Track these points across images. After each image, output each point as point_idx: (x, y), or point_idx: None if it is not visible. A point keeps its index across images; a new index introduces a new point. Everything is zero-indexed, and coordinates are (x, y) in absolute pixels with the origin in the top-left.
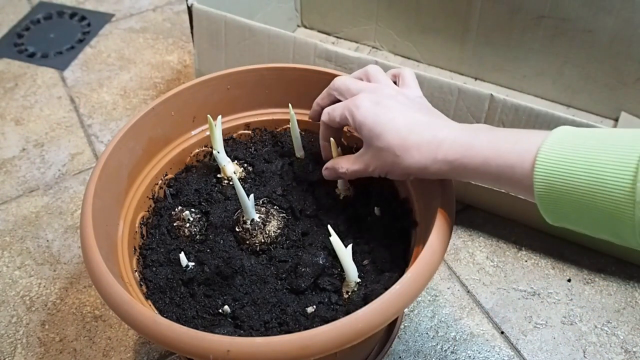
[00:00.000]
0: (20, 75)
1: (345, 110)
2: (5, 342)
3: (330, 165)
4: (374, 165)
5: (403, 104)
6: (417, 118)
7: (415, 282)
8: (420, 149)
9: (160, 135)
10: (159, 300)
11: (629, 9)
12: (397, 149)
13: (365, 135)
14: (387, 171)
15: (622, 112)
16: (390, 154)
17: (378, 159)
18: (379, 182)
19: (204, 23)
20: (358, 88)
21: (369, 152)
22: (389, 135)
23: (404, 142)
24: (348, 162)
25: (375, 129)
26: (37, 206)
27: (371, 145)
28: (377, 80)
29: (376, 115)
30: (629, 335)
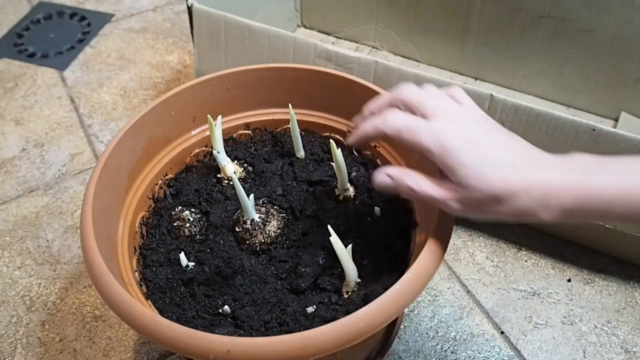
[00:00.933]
0: (20, 75)
1: (430, 142)
2: (5, 342)
3: (397, 175)
4: (463, 205)
5: (491, 134)
6: (515, 151)
7: (415, 282)
8: (530, 193)
9: (160, 135)
10: (159, 300)
11: (629, 9)
12: (501, 193)
13: (460, 175)
14: (479, 213)
15: (622, 112)
16: (490, 197)
17: (471, 199)
18: None
19: (204, 23)
20: (432, 107)
21: (458, 189)
22: (490, 177)
23: (511, 185)
24: (426, 182)
25: (473, 170)
26: (37, 206)
27: (463, 186)
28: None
29: (472, 155)
30: (629, 335)
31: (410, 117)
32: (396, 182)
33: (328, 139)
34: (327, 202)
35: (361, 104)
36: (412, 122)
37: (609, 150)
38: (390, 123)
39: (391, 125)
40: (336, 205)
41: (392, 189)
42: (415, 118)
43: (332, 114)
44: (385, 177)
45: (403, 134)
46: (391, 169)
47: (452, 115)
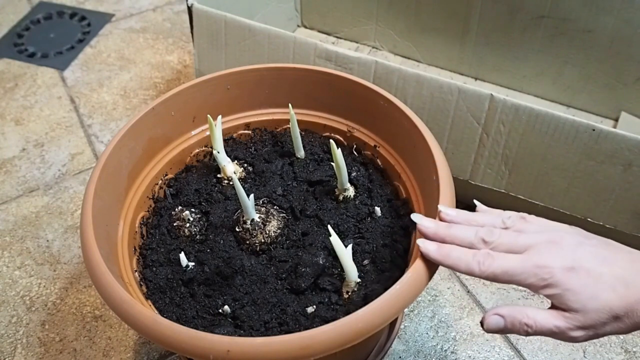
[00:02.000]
0: (20, 75)
1: (530, 279)
2: (5, 342)
3: (509, 313)
4: (584, 330)
5: (589, 252)
6: (620, 264)
7: (415, 282)
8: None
9: (160, 135)
10: (159, 300)
11: (629, 9)
12: (617, 310)
13: (572, 301)
14: (601, 335)
15: (622, 112)
16: (607, 317)
17: (591, 324)
18: (379, 182)
19: (204, 23)
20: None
21: (574, 316)
22: (604, 296)
23: (625, 299)
24: (541, 315)
25: (585, 294)
26: (37, 206)
27: (580, 311)
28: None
29: (578, 279)
30: (629, 335)
31: (503, 258)
32: (508, 321)
33: (328, 139)
34: (327, 202)
35: (361, 104)
36: (507, 264)
37: (609, 150)
38: (486, 268)
39: (487, 271)
40: (336, 205)
41: (505, 330)
42: (507, 257)
43: (332, 114)
44: (496, 317)
45: (500, 278)
46: (501, 308)
47: (545, 244)
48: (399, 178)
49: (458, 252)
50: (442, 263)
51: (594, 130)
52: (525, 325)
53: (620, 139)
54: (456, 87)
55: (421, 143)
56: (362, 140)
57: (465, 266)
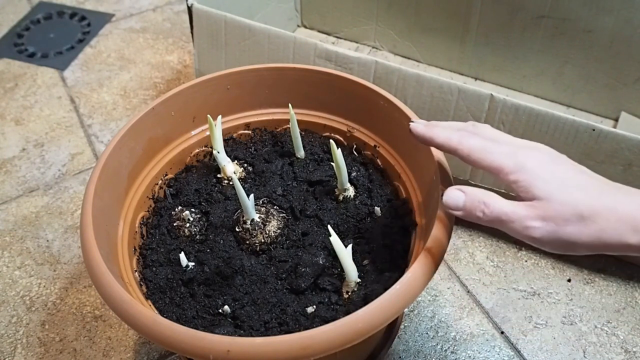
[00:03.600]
0: (20, 75)
1: (504, 160)
2: (5, 342)
3: (471, 191)
4: (544, 223)
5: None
6: (599, 179)
7: (415, 282)
8: (617, 213)
9: (160, 135)
10: (159, 300)
11: (629, 9)
12: (584, 208)
13: (539, 188)
14: (561, 238)
15: (622, 112)
16: (572, 212)
17: (553, 216)
18: (379, 182)
19: (204, 23)
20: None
21: (536, 205)
22: (574, 192)
23: (595, 201)
24: (502, 200)
25: (554, 184)
26: (37, 206)
27: (544, 200)
28: None
29: (552, 173)
30: (629, 335)
31: (483, 139)
32: (468, 199)
33: (328, 139)
34: (327, 202)
35: (361, 104)
36: (485, 143)
37: (609, 150)
38: (464, 142)
39: (465, 144)
40: (336, 205)
41: (464, 209)
42: (489, 140)
43: (332, 114)
44: (458, 192)
45: (475, 153)
46: (463, 187)
47: (529, 147)
48: (399, 178)
49: (442, 126)
50: (424, 135)
51: (594, 130)
52: (483, 204)
53: (620, 139)
54: (456, 87)
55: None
56: (362, 140)
57: (445, 137)
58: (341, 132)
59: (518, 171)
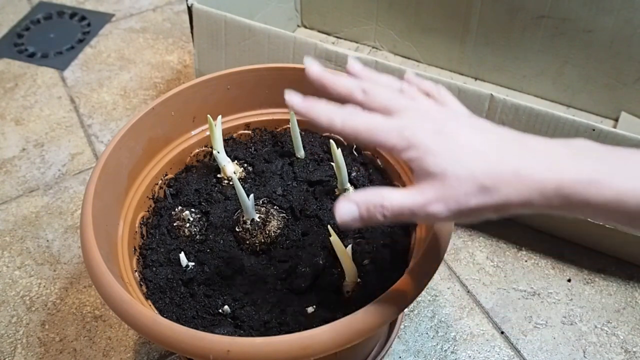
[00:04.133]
0: (20, 75)
1: (391, 138)
2: (5, 342)
3: (362, 199)
4: (445, 204)
5: (471, 125)
6: (501, 136)
7: (415, 282)
8: (520, 177)
9: (160, 135)
10: (159, 300)
11: (629, 9)
12: (484, 178)
13: (430, 164)
14: (466, 213)
15: (622, 112)
16: (472, 185)
17: (452, 194)
18: (379, 182)
19: (204, 23)
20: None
21: (433, 185)
22: (470, 161)
23: (496, 167)
24: (396, 193)
25: (446, 156)
26: (37, 206)
27: (439, 177)
28: (412, 97)
29: (443, 143)
30: (629, 335)
31: (370, 115)
32: (362, 207)
33: (328, 139)
34: (327, 202)
35: None
36: (372, 120)
37: None
38: (348, 123)
39: (349, 125)
40: None
41: (362, 219)
42: (375, 116)
43: None
44: (349, 205)
45: (362, 136)
46: (353, 195)
47: (423, 112)
48: (399, 178)
49: (323, 104)
50: (305, 115)
51: (594, 130)
52: (381, 206)
53: (620, 139)
54: (456, 87)
55: None
56: None
57: (327, 119)
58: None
59: (408, 148)
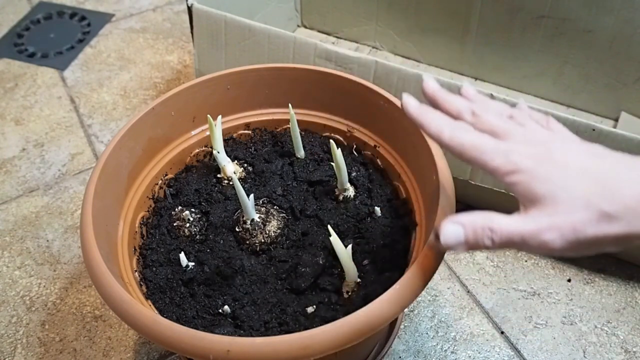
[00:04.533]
0: (20, 75)
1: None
2: (5, 342)
3: (469, 220)
4: (562, 233)
5: (584, 150)
6: (617, 160)
7: (415, 282)
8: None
9: (160, 135)
10: (159, 300)
11: (629, 9)
12: (604, 205)
13: (541, 191)
14: (579, 240)
15: (622, 112)
16: (590, 212)
17: (566, 222)
18: (379, 182)
19: (204, 23)
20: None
21: (544, 211)
22: (585, 187)
23: (615, 194)
24: (506, 219)
25: (557, 181)
26: (37, 206)
27: (549, 203)
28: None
29: (553, 169)
30: (629, 335)
31: (478, 134)
32: (469, 229)
33: (328, 139)
34: (327, 202)
35: (361, 104)
36: (479, 140)
37: None
38: (456, 137)
39: (457, 140)
40: (336, 205)
41: (468, 244)
42: (484, 136)
43: (332, 114)
44: (455, 227)
45: (467, 152)
46: (459, 216)
47: (531, 137)
48: (399, 178)
49: (436, 114)
50: (416, 119)
51: (594, 130)
52: (490, 230)
53: (620, 139)
54: (456, 87)
55: (421, 143)
56: (362, 140)
57: (436, 128)
58: (341, 132)
59: (513, 172)
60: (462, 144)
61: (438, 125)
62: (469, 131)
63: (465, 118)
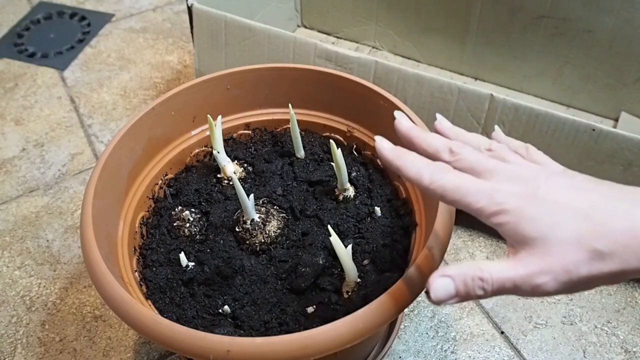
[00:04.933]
0: (20, 75)
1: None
2: (5, 342)
3: (458, 272)
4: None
5: (569, 184)
6: (604, 192)
7: (416, 282)
8: (639, 238)
9: (160, 135)
10: (159, 300)
11: (629, 9)
12: (595, 243)
13: (528, 232)
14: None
15: (622, 112)
16: (581, 252)
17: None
18: (379, 182)
19: (204, 23)
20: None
21: (534, 254)
22: (574, 224)
23: (606, 229)
24: (497, 265)
25: (545, 221)
26: (37, 206)
27: (539, 244)
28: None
29: (540, 207)
30: (629, 335)
31: (459, 175)
32: (459, 281)
33: (328, 139)
34: (327, 202)
35: (361, 104)
36: (460, 181)
37: (609, 150)
38: (436, 180)
39: (437, 183)
40: (336, 205)
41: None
42: (465, 176)
43: (332, 114)
44: (444, 280)
45: (449, 195)
46: (446, 269)
47: (514, 173)
48: (398, 178)
49: (413, 156)
50: (392, 164)
51: (594, 130)
52: (480, 280)
53: (620, 139)
54: (456, 87)
55: None
56: (362, 140)
57: (415, 172)
58: (341, 132)
59: (499, 213)
60: (443, 186)
61: (417, 169)
62: (449, 172)
63: (444, 157)
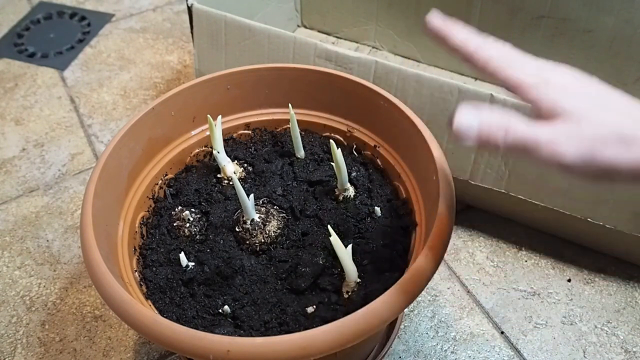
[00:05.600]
0: (20, 75)
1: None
2: (5, 342)
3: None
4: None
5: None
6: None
7: (415, 282)
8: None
9: (160, 135)
10: (159, 300)
11: (629, 9)
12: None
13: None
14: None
15: None
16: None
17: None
18: (379, 182)
19: (204, 23)
20: None
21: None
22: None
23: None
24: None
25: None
26: (37, 206)
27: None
28: None
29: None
30: (629, 335)
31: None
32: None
33: (328, 139)
34: (327, 202)
35: (361, 104)
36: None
37: None
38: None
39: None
40: (336, 205)
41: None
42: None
43: (332, 114)
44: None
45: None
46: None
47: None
48: (399, 178)
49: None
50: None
51: None
52: (505, 128)
53: None
54: (456, 87)
55: (421, 143)
56: (362, 140)
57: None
58: (341, 132)
59: (541, 85)
60: (490, 54)
61: (464, 36)
62: (496, 45)
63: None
